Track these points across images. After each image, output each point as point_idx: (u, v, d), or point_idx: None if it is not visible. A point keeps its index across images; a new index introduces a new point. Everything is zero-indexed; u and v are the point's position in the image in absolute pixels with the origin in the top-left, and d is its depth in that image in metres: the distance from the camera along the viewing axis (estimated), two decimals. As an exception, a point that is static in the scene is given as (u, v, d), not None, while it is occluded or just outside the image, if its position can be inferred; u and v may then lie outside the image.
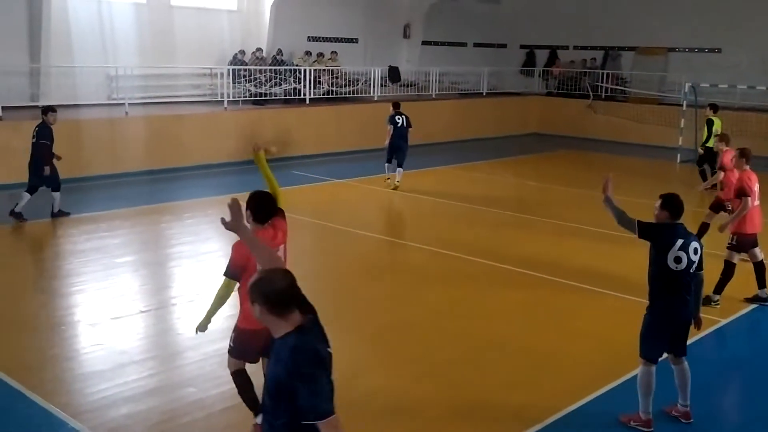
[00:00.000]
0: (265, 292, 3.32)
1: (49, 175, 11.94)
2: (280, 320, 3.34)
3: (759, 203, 8.96)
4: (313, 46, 22.42)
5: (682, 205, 5.85)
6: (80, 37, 17.58)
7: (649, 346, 5.95)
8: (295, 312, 3.38)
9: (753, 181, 8.81)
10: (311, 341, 3.37)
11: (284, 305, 3.33)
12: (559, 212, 13.82)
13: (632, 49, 26.94)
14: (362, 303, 8.92)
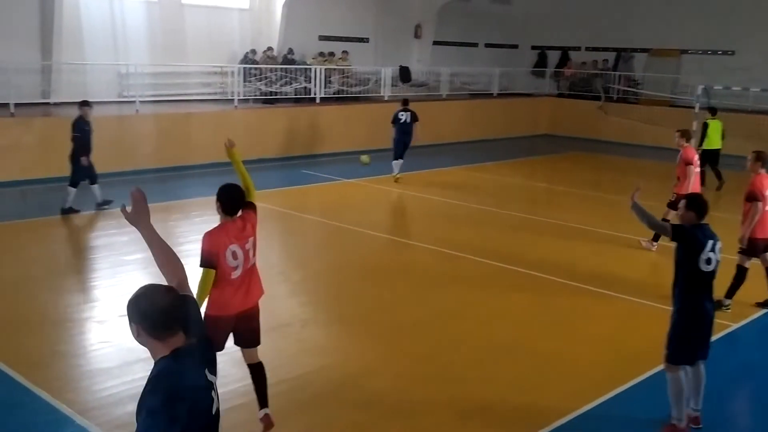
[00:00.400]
0: (143, 310, 2.96)
1: (86, 167, 12.21)
2: (158, 342, 2.96)
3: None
4: (324, 45, 22.42)
5: (707, 205, 5.86)
6: (92, 34, 17.63)
7: (678, 350, 5.82)
8: (177, 334, 2.98)
9: (766, 186, 8.68)
10: (180, 370, 2.94)
11: (163, 326, 2.95)
12: (569, 214, 13.75)
13: (645, 50, 26.82)
14: (370, 303, 8.89)
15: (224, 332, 5.54)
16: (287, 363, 7.01)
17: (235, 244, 5.41)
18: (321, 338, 7.83)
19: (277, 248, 11.65)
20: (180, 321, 3.01)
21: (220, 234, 5.44)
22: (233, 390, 6.41)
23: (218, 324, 5.42)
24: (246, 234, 5.55)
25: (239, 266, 5.45)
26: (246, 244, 5.52)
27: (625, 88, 25.73)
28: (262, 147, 18.19)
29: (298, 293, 9.32)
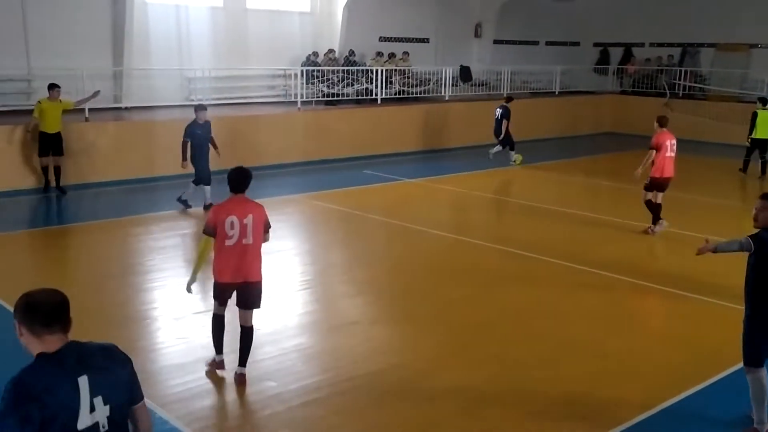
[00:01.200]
0: (24, 309, 2.91)
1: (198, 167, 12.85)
2: (37, 342, 2.92)
3: None
4: (385, 46, 22.54)
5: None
6: (159, 40, 18.13)
7: (747, 352, 5.75)
8: (55, 336, 2.93)
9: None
10: (41, 373, 2.85)
11: (42, 325, 2.90)
12: (635, 213, 13.53)
13: (712, 45, 26.16)
14: (437, 302, 8.93)
15: (223, 295, 6.58)
16: (357, 360, 7.12)
17: (234, 215, 6.25)
18: (389, 336, 7.91)
19: (341, 248, 11.80)
20: (58, 323, 2.95)
21: (222, 207, 6.41)
22: (305, 385, 6.55)
23: (217, 287, 6.54)
24: (246, 210, 6.32)
25: (234, 236, 6.26)
26: (244, 219, 6.27)
27: (692, 84, 25.14)
28: (324, 148, 18.42)
29: (365, 292, 9.42)
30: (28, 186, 14.16)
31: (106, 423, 2.98)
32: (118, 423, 3.06)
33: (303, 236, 12.47)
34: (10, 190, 13.76)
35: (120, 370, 3.12)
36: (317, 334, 7.96)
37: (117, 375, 3.09)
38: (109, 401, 3.00)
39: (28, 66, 16.21)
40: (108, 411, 2.99)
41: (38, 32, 16.25)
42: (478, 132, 21.95)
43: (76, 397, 2.89)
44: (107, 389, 3.00)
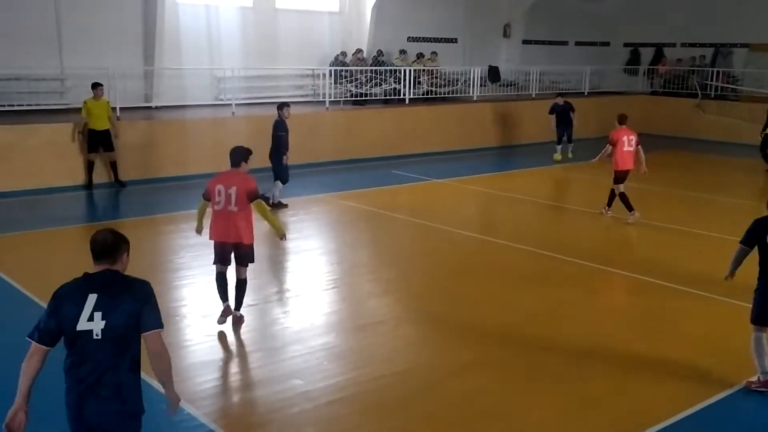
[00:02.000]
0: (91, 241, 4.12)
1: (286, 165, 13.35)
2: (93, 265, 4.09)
3: None
4: (413, 46, 22.54)
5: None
6: (190, 40, 18.31)
7: (755, 313, 6.64)
8: (99, 266, 4.07)
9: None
10: (70, 285, 4.03)
11: (93, 257, 4.09)
12: (666, 214, 13.43)
13: (745, 45, 25.79)
14: (463, 302, 8.92)
15: (227, 252, 7.78)
16: (384, 359, 7.15)
17: (222, 185, 7.54)
18: (415, 336, 7.92)
19: (368, 247, 11.83)
20: (102, 258, 4.07)
21: (216, 178, 7.70)
22: (332, 384, 6.59)
23: (220, 246, 7.78)
24: (232, 182, 7.53)
25: (221, 202, 7.51)
26: (229, 189, 7.49)
27: (724, 84, 24.80)
28: (352, 148, 18.47)
29: (391, 291, 9.44)
30: (72, 183, 14.54)
31: (99, 333, 3.90)
32: (110, 338, 3.91)
33: (330, 235, 12.52)
34: (53, 187, 14.12)
35: (129, 300, 3.99)
36: (344, 333, 7.99)
37: (123, 303, 3.96)
38: (106, 318, 3.90)
39: (61, 65, 16.47)
40: (103, 325, 3.90)
41: (71, 32, 16.51)
42: (506, 132, 21.91)
43: (81, 306, 3.90)
44: (108, 309, 3.92)
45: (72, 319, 3.89)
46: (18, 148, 13.90)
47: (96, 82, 14.43)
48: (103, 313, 3.90)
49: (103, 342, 3.90)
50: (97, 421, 3.95)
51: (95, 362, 3.92)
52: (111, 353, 3.92)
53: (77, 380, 3.94)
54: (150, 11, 17.47)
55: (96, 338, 3.89)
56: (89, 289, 3.94)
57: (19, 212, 12.90)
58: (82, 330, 3.88)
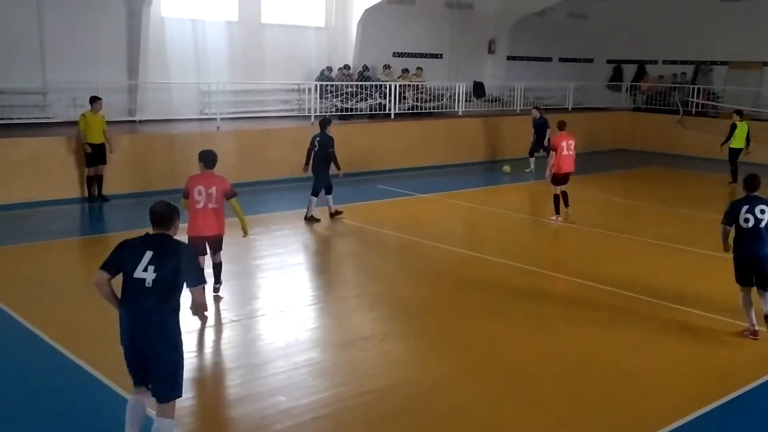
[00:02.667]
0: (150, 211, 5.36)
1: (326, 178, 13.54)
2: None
3: None
4: (399, 61, 22.64)
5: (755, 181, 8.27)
6: (175, 54, 18.26)
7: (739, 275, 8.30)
8: (156, 230, 5.27)
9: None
10: (136, 239, 5.27)
11: (151, 224, 5.31)
12: (649, 230, 13.50)
13: (725, 63, 26.13)
14: (449, 317, 8.91)
15: (201, 245, 8.64)
16: (369, 375, 7.11)
17: (202, 185, 8.45)
18: (401, 351, 7.90)
19: (354, 263, 11.80)
20: (158, 225, 5.26)
21: (194, 178, 8.59)
22: (316, 401, 6.55)
23: (192, 240, 8.44)
24: (211, 183, 8.47)
25: (201, 201, 8.44)
26: (209, 189, 8.42)
27: (704, 101, 25.08)
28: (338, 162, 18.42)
29: (377, 307, 9.41)
30: (72, 195, 14.56)
31: (150, 282, 5.04)
32: (158, 287, 5.05)
33: (316, 250, 12.49)
34: (35, 201, 14.01)
35: (172, 258, 5.13)
36: (329, 348, 7.95)
37: (169, 260, 5.11)
38: (157, 271, 5.05)
39: (43, 79, 16.38)
40: (154, 276, 5.04)
41: (54, 46, 16.44)
42: (491, 147, 22.00)
43: (139, 259, 5.07)
44: (158, 264, 5.06)
45: (131, 267, 5.05)
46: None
47: (94, 96, 14.49)
48: (155, 266, 5.04)
49: (153, 290, 5.03)
50: (147, 350, 5.11)
51: (146, 305, 5.04)
52: (158, 299, 5.04)
53: (131, 317, 5.09)
54: (135, 25, 17.42)
55: (147, 286, 5.03)
56: (147, 247, 5.12)
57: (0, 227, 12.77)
58: (138, 278, 5.03)
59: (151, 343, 5.08)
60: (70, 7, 16.64)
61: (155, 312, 5.06)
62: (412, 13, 23.29)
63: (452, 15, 24.42)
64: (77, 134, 14.39)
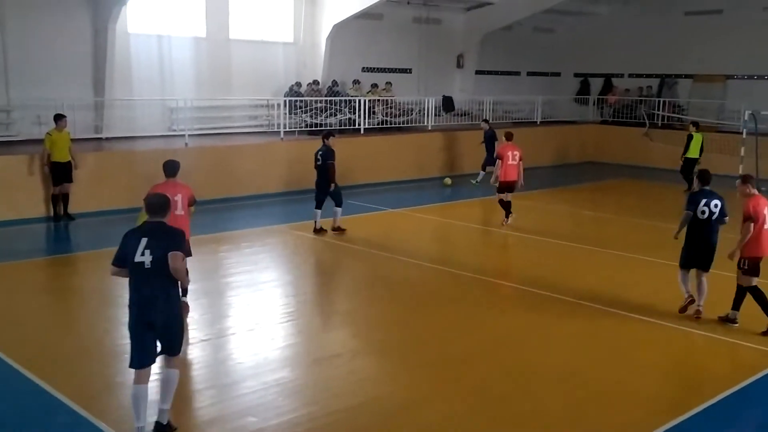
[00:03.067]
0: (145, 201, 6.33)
1: (334, 191, 13.58)
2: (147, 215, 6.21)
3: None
4: (368, 76, 22.71)
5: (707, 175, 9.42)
6: (142, 71, 18.16)
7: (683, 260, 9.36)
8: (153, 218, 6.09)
9: (762, 205, 8.78)
10: (132, 231, 6.12)
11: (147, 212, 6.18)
12: (616, 242, 13.62)
13: (689, 76, 26.59)
14: (420, 333, 8.89)
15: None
16: (340, 393, 7.06)
17: (168, 194, 8.07)
18: (372, 369, 7.85)
19: (324, 279, 11.75)
20: (154, 213, 6.08)
21: (158, 187, 8.68)
22: (287, 421, 6.49)
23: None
24: (177, 191, 8.84)
25: None
26: (175, 196, 8.62)
27: (670, 114, 25.45)
28: (306, 178, 18.30)
29: (348, 324, 9.37)
30: (36, 215, 14.35)
31: (149, 263, 5.89)
32: (156, 266, 5.88)
33: (285, 267, 12.40)
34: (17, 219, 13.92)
35: (164, 241, 5.93)
36: (299, 367, 7.88)
37: (161, 242, 5.91)
38: (152, 254, 5.88)
39: (7, 97, 16.15)
40: (150, 258, 5.88)
41: (18, 63, 16.24)
42: (460, 161, 22.08)
43: (137, 245, 5.91)
44: (153, 247, 5.89)
45: (132, 253, 5.90)
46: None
47: (59, 114, 14.32)
48: (151, 249, 5.87)
49: (152, 270, 5.88)
50: (156, 320, 5.96)
51: (150, 283, 5.92)
52: (158, 277, 5.89)
53: (139, 296, 5.97)
54: (101, 41, 17.26)
55: (147, 267, 5.88)
56: (142, 234, 5.97)
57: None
58: (138, 261, 5.89)
59: (159, 314, 5.96)
60: (34, 23, 16.45)
61: (158, 288, 5.93)
62: (380, 28, 23.40)
63: (420, 30, 24.58)
64: (42, 152, 14.18)
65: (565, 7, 25.65)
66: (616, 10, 28.17)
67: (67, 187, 14.39)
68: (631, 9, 27.86)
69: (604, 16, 28.39)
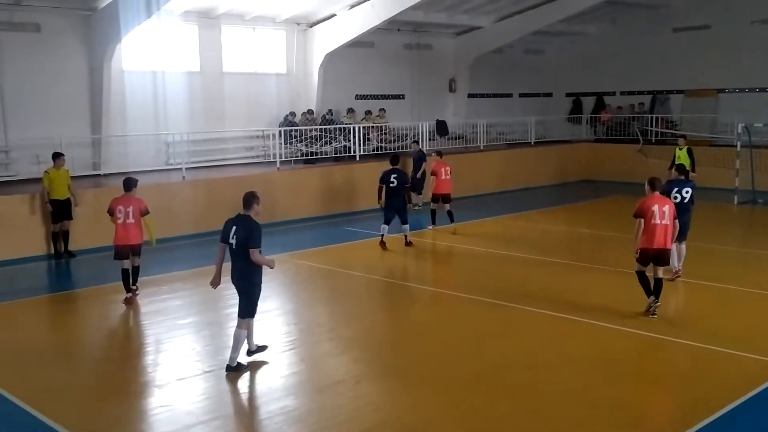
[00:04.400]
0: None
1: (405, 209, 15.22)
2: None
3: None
4: (361, 104, 22.91)
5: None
6: (137, 107, 18.33)
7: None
8: (245, 211, 8.21)
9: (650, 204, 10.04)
10: (231, 218, 8.27)
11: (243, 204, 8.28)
12: (615, 259, 13.65)
13: (681, 92, 26.81)
14: (423, 357, 8.90)
15: (121, 251, 11.21)
16: (344, 420, 7.06)
17: (122, 205, 11.05)
18: (376, 394, 7.86)
19: (325, 306, 11.76)
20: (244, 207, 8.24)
21: (117, 200, 11.10)
22: None
23: (117, 248, 11.22)
24: (129, 203, 11.05)
25: (122, 216, 11.01)
26: (128, 208, 10.98)
27: (663, 129, 25.61)
28: (304, 206, 18.51)
29: (350, 349, 9.38)
30: (37, 252, 14.43)
31: (235, 245, 8.09)
32: (239, 248, 8.09)
33: (286, 296, 12.42)
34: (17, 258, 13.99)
35: (244, 230, 8.04)
36: (303, 395, 7.89)
37: (243, 230, 8.06)
38: (236, 238, 8.08)
39: (5, 137, 16.29)
40: (234, 240, 8.09)
41: (15, 103, 16.40)
42: (456, 184, 22.15)
43: (230, 231, 8.15)
44: (237, 233, 8.08)
45: (226, 236, 8.16)
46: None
47: (57, 152, 14.44)
48: (236, 235, 8.06)
49: (236, 250, 8.10)
50: (237, 286, 8.37)
51: (235, 258, 8.17)
52: (240, 254, 8.07)
53: (232, 267, 8.23)
54: (96, 80, 17.45)
55: (234, 248, 8.11)
56: (233, 223, 8.17)
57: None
58: (230, 242, 8.11)
59: (237, 282, 8.30)
60: (31, 63, 16.65)
61: (240, 262, 8.15)
62: (372, 55, 23.65)
63: (412, 56, 24.83)
64: (41, 191, 14.27)
65: (554, 29, 25.94)
66: (604, 29, 28.47)
67: (67, 224, 14.46)
68: (619, 28, 28.17)
69: (593, 36, 28.69)
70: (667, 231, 9.93)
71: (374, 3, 20.28)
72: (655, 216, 9.89)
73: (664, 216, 9.90)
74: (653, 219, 9.89)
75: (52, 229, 14.40)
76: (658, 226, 9.87)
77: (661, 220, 9.88)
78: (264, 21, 20.94)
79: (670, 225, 9.95)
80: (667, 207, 10.00)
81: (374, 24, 20.65)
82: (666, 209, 9.95)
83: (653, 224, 9.88)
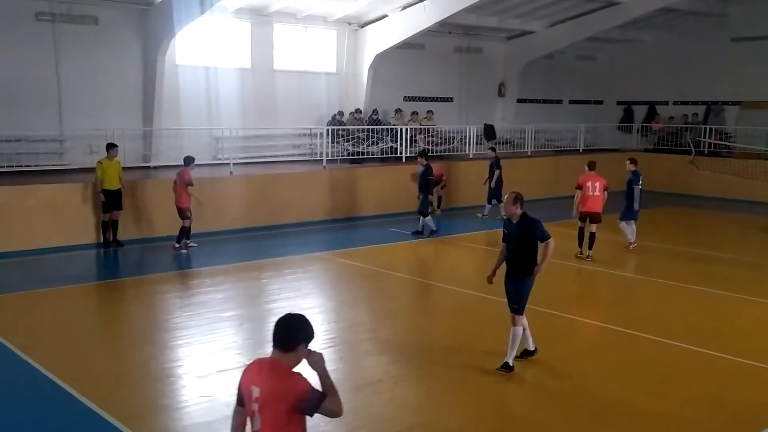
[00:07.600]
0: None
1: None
2: None
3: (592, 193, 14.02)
4: (409, 105, 22.91)
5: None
6: (189, 101, 18.58)
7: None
8: None
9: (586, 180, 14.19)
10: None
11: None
12: (663, 270, 13.43)
13: (737, 103, 26.21)
14: (462, 360, 8.84)
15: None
16: (382, 420, 7.05)
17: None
18: (413, 395, 7.84)
19: (366, 306, 11.77)
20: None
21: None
22: None
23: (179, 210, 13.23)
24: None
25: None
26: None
27: (717, 141, 25.07)
28: (350, 206, 18.57)
29: (389, 350, 9.36)
30: (87, 241, 14.72)
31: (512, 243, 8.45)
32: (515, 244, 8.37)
33: (328, 294, 12.48)
34: (50, 248, 14.17)
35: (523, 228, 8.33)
36: (341, 393, 7.71)
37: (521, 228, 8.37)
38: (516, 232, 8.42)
39: (60, 127, 16.68)
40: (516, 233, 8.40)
41: (71, 94, 16.79)
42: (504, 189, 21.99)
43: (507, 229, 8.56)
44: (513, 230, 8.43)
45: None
46: (15, 209, 13.94)
47: (111, 143, 14.70)
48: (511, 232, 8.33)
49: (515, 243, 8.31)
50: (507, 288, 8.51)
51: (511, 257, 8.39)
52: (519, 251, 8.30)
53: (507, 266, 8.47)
54: (150, 73, 17.77)
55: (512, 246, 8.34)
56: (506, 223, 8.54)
57: (16, 273, 12.87)
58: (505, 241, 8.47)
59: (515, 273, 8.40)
60: (87, 56, 17.03)
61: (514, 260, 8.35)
62: (422, 57, 23.62)
63: (462, 59, 24.74)
64: (94, 181, 14.57)
65: (607, 35, 25.61)
66: (659, 37, 27.99)
67: (117, 214, 14.73)
68: (674, 36, 27.67)
69: (647, 43, 28.22)
70: (596, 200, 13.98)
71: (426, 5, 20.26)
72: (589, 189, 14.00)
73: (595, 189, 14.00)
74: (587, 191, 13.99)
75: (102, 219, 14.69)
76: (590, 196, 13.93)
77: (593, 192, 13.95)
78: (316, 20, 21.08)
79: (599, 195, 14.00)
80: (597, 183, 14.05)
81: (425, 26, 20.62)
82: (597, 184, 14.04)
83: (587, 195, 13.97)
